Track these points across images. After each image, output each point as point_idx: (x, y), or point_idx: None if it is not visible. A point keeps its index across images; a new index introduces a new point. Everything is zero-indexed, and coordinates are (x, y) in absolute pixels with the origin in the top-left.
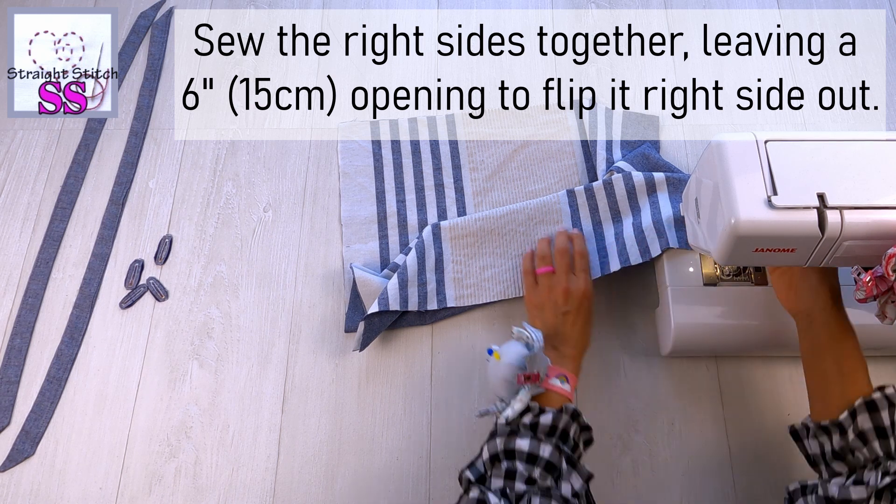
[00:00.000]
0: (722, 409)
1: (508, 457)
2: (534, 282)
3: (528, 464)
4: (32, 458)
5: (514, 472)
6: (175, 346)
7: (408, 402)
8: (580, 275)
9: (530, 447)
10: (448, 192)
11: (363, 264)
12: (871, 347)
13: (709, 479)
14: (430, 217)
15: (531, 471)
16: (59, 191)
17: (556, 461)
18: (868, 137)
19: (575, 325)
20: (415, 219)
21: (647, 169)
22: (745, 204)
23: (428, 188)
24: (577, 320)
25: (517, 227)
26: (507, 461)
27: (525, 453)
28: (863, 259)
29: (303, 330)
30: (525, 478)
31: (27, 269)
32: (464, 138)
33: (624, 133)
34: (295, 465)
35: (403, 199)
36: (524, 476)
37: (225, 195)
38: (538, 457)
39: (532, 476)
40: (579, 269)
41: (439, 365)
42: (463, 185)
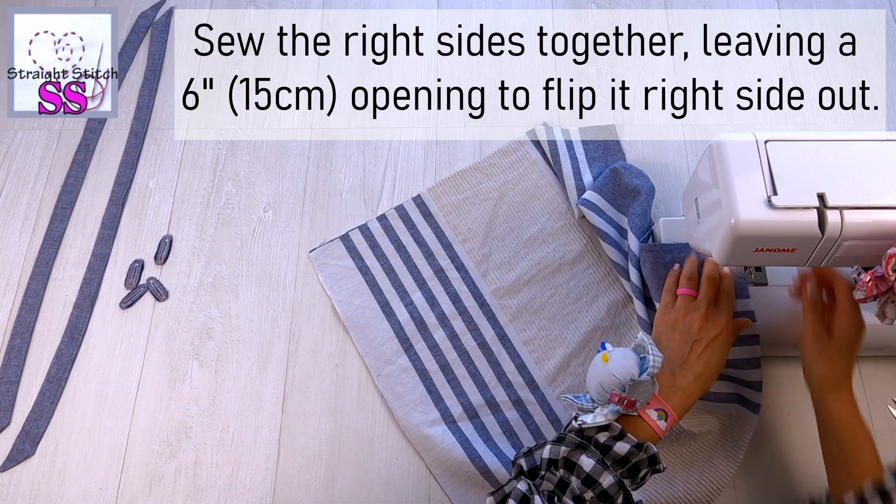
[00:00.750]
0: None
1: (567, 467)
2: (671, 300)
3: (584, 485)
4: (32, 458)
5: (567, 486)
6: (175, 346)
7: None
8: (723, 310)
9: (592, 470)
10: (451, 275)
11: (401, 386)
12: (871, 347)
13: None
14: (444, 307)
15: (584, 491)
16: (59, 191)
17: (614, 494)
18: (868, 137)
19: (701, 358)
20: (431, 315)
21: (618, 192)
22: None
23: (429, 279)
24: (705, 354)
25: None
26: (564, 470)
27: (585, 473)
28: (863, 259)
29: (303, 330)
30: (574, 495)
31: (27, 269)
32: (440, 214)
33: (583, 133)
34: (295, 465)
35: (410, 300)
36: (574, 493)
37: (225, 195)
38: (597, 482)
39: (583, 496)
40: (723, 305)
41: None
42: (462, 261)
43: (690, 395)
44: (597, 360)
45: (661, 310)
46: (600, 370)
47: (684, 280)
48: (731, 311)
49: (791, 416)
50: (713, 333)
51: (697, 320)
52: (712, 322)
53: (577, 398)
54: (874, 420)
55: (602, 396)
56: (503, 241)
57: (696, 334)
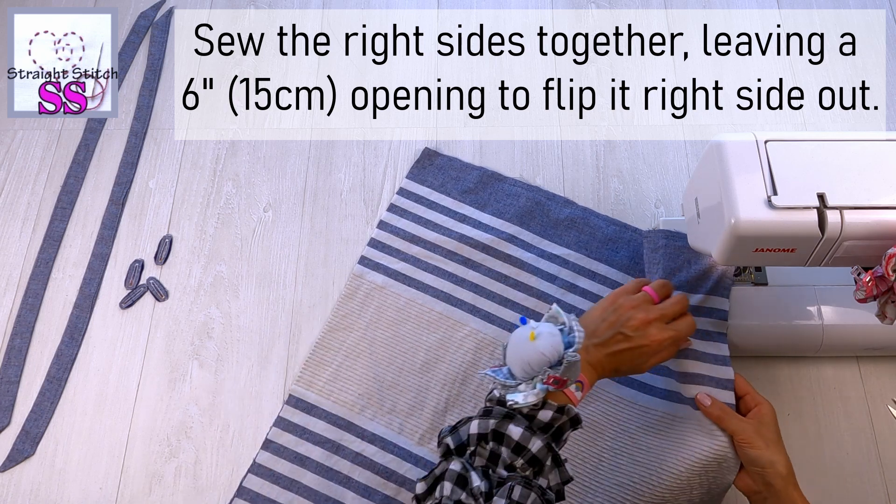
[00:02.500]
0: None
1: (496, 439)
2: (635, 288)
3: (514, 453)
4: (32, 458)
5: (498, 457)
6: (175, 346)
7: None
8: (672, 330)
9: (521, 438)
10: (367, 455)
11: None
12: (871, 347)
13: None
14: (375, 488)
15: (514, 459)
16: (59, 191)
17: (543, 457)
18: (868, 137)
19: (616, 353)
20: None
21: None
22: (745, 204)
23: (346, 476)
24: (629, 352)
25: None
26: (493, 443)
27: (514, 442)
28: (863, 259)
29: (303, 330)
30: (506, 464)
31: (27, 269)
32: (322, 399)
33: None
34: None
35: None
36: (506, 463)
37: (225, 195)
38: (526, 449)
39: (514, 464)
40: (676, 326)
41: None
42: (371, 432)
43: (598, 373)
44: (521, 337)
45: (619, 289)
46: (527, 348)
47: (657, 285)
48: (679, 335)
49: (791, 417)
50: (642, 341)
51: (639, 320)
52: (652, 329)
53: (497, 373)
54: (874, 420)
55: (527, 373)
56: (399, 387)
57: (628, 329)
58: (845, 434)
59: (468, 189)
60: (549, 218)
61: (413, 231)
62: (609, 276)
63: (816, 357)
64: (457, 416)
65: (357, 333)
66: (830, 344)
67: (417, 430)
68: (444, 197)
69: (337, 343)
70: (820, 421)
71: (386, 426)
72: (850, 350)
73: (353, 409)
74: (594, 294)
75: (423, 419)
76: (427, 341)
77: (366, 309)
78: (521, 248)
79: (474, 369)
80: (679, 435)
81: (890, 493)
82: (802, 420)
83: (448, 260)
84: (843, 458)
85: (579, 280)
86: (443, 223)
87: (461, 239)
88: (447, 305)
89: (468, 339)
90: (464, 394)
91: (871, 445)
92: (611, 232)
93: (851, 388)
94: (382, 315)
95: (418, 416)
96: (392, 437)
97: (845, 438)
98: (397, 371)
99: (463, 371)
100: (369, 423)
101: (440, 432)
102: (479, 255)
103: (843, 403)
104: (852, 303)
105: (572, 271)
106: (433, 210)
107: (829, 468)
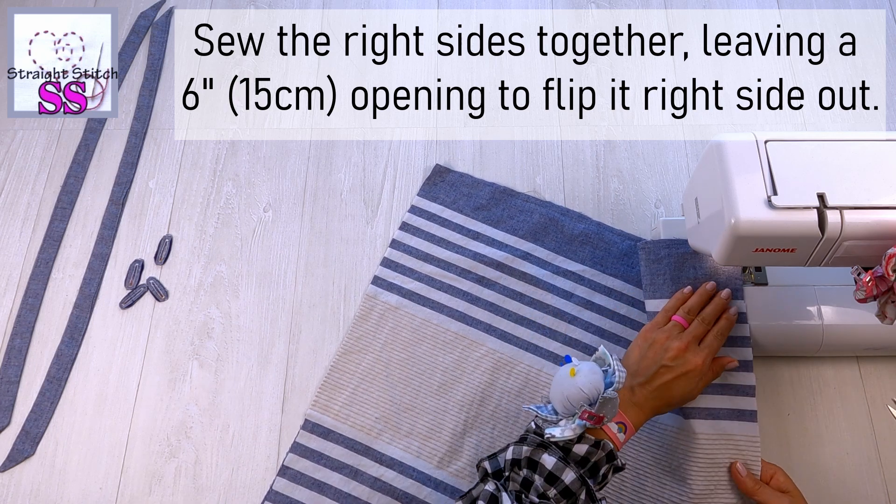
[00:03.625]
0: None
1: (530, 467)
2: (664, 320)
3: (547, 482)
4: (32, 458)
5: (531, 484)
6: (175, 346)
7: None
8: (705, 349)
9: (554, 467)
10: (386, 480)
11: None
12: (871, 347)
13: None
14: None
15: (547, 489)
16: (59, 191)
17: (576, 490)
18: (868, 137)
19: (664, 384)
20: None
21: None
22: (745, 204)
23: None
24: (671, 382)
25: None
26: (527, 470)
27: (547, 471)
28: (863, 259)
29: (303, 330)
30: (539, 493)
31: (27, 269)
32: (339, 424)
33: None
34: None
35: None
36: (538, 491)
37: (225, 195)
38: (559, 479)
39: (547, 494)
40: (706, 344)
41: None
42: (389, 456)
43: (646, 412)
44: (563, 374)
45: (649, 324)
46: (567, 384)
47: (683, 311)
48: (712, 352)
49: (791, 417)
50: (685, 368)
51: (676, 349)
52: (689, 355)
53: (539, 409)
54: (874, 420)
55: (567, 409)
56: (416, 410)
57: (668, 360)
58: (845, 434)
59: (480, 206)
60: (564, 234)
61: (426, 249)
62: (625, 293)
63: (816, 357)
64: (475, 438)
65: (372, 355)
66: (830, 344)
67: (436, 454)
68: (456, 214)
69: (352, 366)
70: (820, 421)
71: (404, 450)
72: (850, 350)
73: (370, 433)
74: (610, 311)
75: (441, 442)
76: (444, 362)
77: (380, 330)
78: (535, 266)
79: (492, 390)
80: (700, 450)
81: (890, 493)
82: (802, 420)
83: (462, 278)
84: (843, 458)
85: (595, 296)
86: (456, 241)
87: (475, 257)
88: (462, 325)
89: (485, 359)
90: (482, 415)
91: (871, 445)
92: (625, 247)
93: (851, 388)
94: (398, 336)
95: (437, 438)
96: (410, 461)
97: (845, 438)
98: (414, 393)
99: (481, 392)
100: (387, 447)
101: (479, 459)
102: (493, 272)
103: (843, 403)
104: (852, 303)
105: (588, 287)
106: (446, 227)
107: (829, 468)
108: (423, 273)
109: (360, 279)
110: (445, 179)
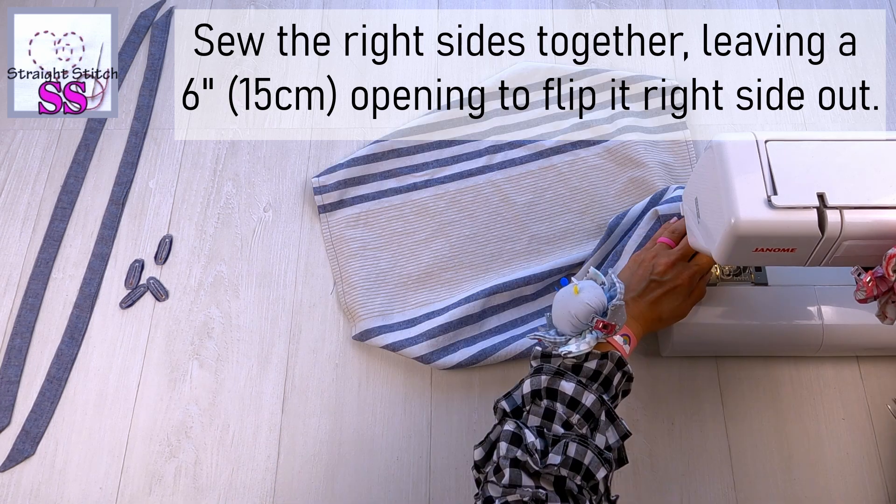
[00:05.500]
0: (722, 409)
1: (550, 396)
2: (651, 244)
3: (569, 408)
4: (32, 458)
5: (554, 414)
6: (175, 346)
7: (408, 402)
8: (693, 266)
9: (574, 392)
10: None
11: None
12: (871, 347)
13: (708, 479)
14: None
15: (570, 415)
16: (59, 191)
17: (597, 411)
18: (868, 137)
19: (654, 300)
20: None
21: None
22: (745, 204)
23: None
24: (660, 297)
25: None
26: (548, 400)
27: (568, 397)
28: (863, 259)
29: (303, 330)
30: (563, 421)
31: (27, 269)
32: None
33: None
34: (295, 465)
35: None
36: (562, 419)
37: (225, 195)
38: (580, 403)
39: (570, 421)
40: (694, 262)
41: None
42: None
43: (642, 325)
44: (565, 294)
45: (639, 250)
46: (573, 302)
47: (669, 232)
48: (700, 270)
49: (791, 417)
50: (674, 283)
51: (663, 264)
52: (677, 270)
53: (547, 334)
54: (874, 420)
55: (576, 327)
56: (432, 275)
57: (657, 276)
58: (845, 434)
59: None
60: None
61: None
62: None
63: (816, 357)
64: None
65: (369, 254)
66: (830, 344)
67: (490, 269)
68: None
69: (363, 271)
70: (820, 421)
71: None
72: (850, 350)
73: (417, 306)
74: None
75: (495, 267)
76: (432, 224)
77: (356, 235)
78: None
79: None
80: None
81: (890, 493)
82: (802, 420)
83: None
84: (843, 458)
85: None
86: (387, 187)
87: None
88: (435, 189)
89: (465, 193)
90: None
91: (871, 445)
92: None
93: (851, 388)
94: (374, 230)
95: (498, 264)
96: (480, 285)
97: (845, 438)
98: (432, 257)
99: (483, 222)
100: (440, 303)
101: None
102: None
103: (843, 403)
104: (852, 303)
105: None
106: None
107: (829, 468)
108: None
109: None
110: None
